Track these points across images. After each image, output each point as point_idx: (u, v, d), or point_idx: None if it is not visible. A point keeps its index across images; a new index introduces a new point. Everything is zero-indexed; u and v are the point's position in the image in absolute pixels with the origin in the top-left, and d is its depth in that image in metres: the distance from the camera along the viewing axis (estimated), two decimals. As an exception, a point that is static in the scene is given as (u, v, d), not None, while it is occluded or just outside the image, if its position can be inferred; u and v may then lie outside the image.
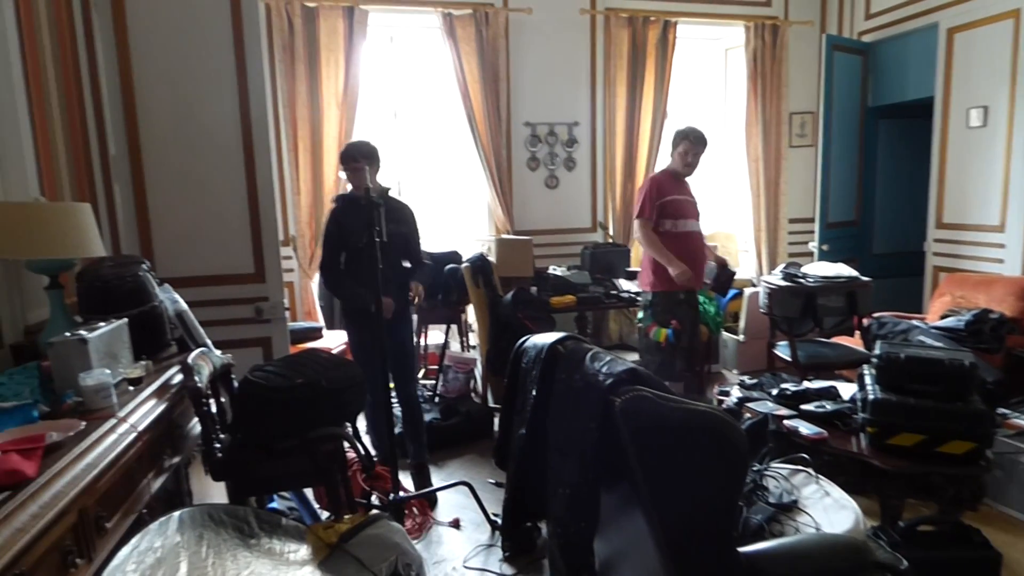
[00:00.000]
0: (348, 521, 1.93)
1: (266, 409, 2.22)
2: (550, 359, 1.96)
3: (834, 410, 2.72)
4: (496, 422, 3.55)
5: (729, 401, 3.12)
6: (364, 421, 3.52)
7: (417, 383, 3.59)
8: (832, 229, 5.38)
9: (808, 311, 3.97)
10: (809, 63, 5.77)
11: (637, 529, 1.55)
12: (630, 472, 1.51)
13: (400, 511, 2.86)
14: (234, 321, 3.07)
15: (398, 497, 2.85)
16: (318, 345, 4.29)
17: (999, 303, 3.92)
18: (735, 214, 6.18)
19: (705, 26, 5.71)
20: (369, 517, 1.97)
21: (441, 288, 4.45)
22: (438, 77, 5.21)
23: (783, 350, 4.08)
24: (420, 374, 4.82)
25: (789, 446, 2.59)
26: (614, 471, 1.65)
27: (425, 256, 3.62)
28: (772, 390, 3.08)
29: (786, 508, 2.16)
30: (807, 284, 3.97)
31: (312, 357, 2.43)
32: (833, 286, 3.97)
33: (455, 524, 3.07)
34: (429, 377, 4.86)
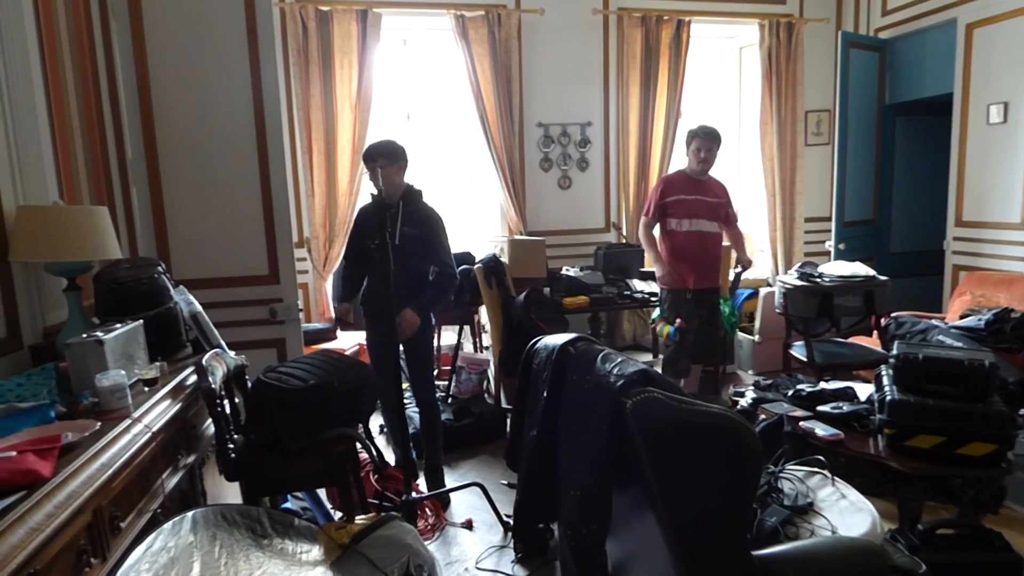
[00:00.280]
0: (360, 522, 1.94)
1: (279, 410, 2.24)
2: (561, 360, 1.95)
3: (851, 411, 2.69)
4: (509, 423, 3.55)
5: (744, 402, 3.09)
6: (381, 422, 3.54)
7: (435, 388, 3.57)
8: (849, 228, 5.32)
9: (825, 311, 3.93)
10: (825, 61, 5.72)
11: (649, 532, 1.54)
12: (641, 474, 1.50)
13: (413, 512, 2.87)
14: (248, 322, 3.09)
15: (411, 498, 2.85)
16: (332, 346, 4.32)
17: (1020, 302, 3.86)
18: (751, 213, 6.13)
19: (719, 25, 5.68)
20: (381, 518, 1.98)
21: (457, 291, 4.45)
22: (451, 79, 5.22)
23: (799, 350, 4.04)
24: (434, 375, 4.83)
25: (805, 448, 2.56)
26: (625, 473, 1.63)
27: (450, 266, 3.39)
28: (788, 391, 3.04)
29: (802, 511, 2.14)
30: (823, 284, 3.93)
31: (325, 358, 2.45)
32: (850, 285, 3.92)
33: (468, 525, 3.07)
34: (442, 378, 4.87)
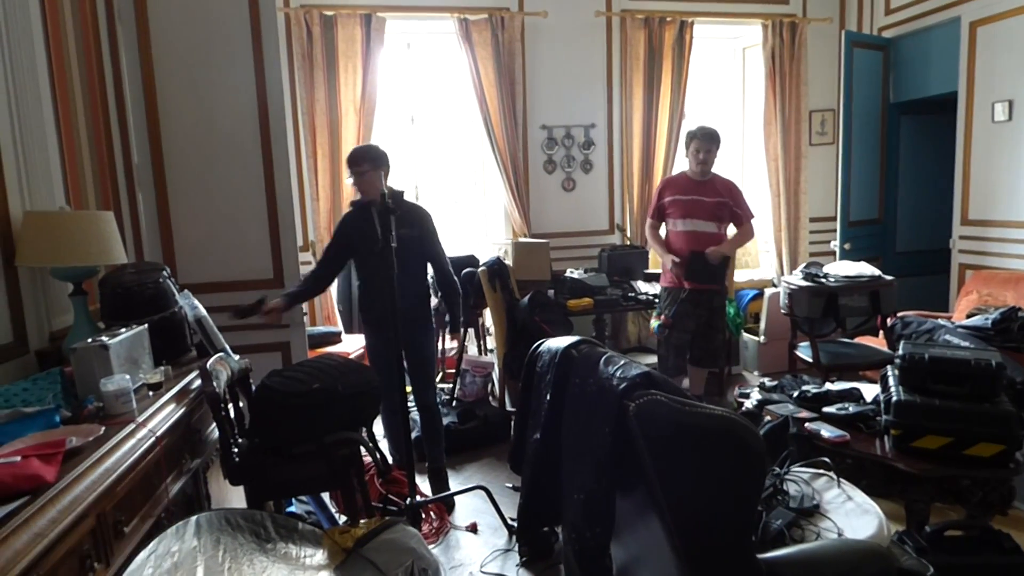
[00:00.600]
0: (364, 525, 1.94)
1: (283, 413, 2.24)
2: (564, 363, 1.95)
3: (857, 412, 2.67)
4: (513, 426, 3.55)
5: (749, 403, 3.08)
6: (381, 427, 3.53)
7: (436, 390, 3.57)
8: (854, 227, 5.30)
9: (830, 311, 3.91)
10: (828, 60, 5.71)
11: (653, 535, 1.53)
12: (645, 477, 1.50)
13: (417, 515, 2.86)
14: (253, 326, 3.09)
15: (415, 501, 2.85)
16: (336, 349, 4.32)
17: (1028, 301, 3.83)
18: (755, 214, 6.10)
19: (722, 25, 5.66)
20: (385, 521, 1.98)
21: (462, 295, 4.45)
22: (455, 82, 5.22)
23: (804, 351, 4.02)
24: (438, 378, 4.83)
25: (811, 449, 2.54)
26: (629, 476, 1.63)
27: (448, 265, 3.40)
28: (793, 392, 3.03)
29: (807, 513, 2.12)
30: (829, 284, 3.91)
31: (329, 362, 2.45)
32: (856, 285, 3.90)
33: (472, 528, 3.07)
34: (447, 381, 4.87)
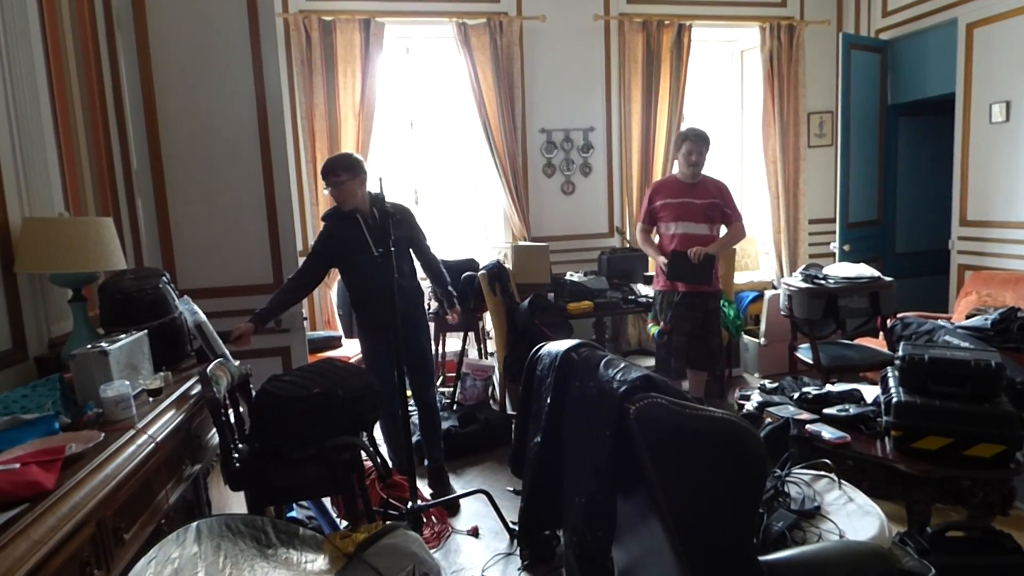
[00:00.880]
0: (365, 530, 1.93)
1: (283, 418, 2.24)
2: (564, 366, 1.95)
3: (857, 413, 2.67)
4: (513, 429, 3.55)
5: (750, 405, 3.07)
6: (380, 432, 3.53)
7: (436, 388, 3.59)
8: (853, 229, 5.31)
9: (830, 313, 3.91)
10: (826, 62, 5.71)
11: (654, 538, 1.53)
12: (646, 480, 1.49)
13: (418, 520, 2.86)
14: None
15: (416, 506, 2.85)
16: (337, 354, 4.32)
17: (1027, 302, 3.83)
18: (755, 216, 6.12)
19: (720, 28, 5.68)
20: (387, 526, 1.97)
21: (458, 295, 4.46)
22: (453, 86, 5.23)
23: (805, 353, 4.02)
24: (438, 382, 4.83)
25: (811, 451, 2.54)
26: (630, 479, 1.63)
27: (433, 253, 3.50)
28: (794, 394, 3.02)
29: (808, 515, 2.12)
30: (829, 285, 3.91)
31: (329, 366, 2.45)
32: (855, 287, 3.90)
33: (474, 532, 3.06)
34: (447, 384, 4.87)
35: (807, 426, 2.65)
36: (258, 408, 2.32)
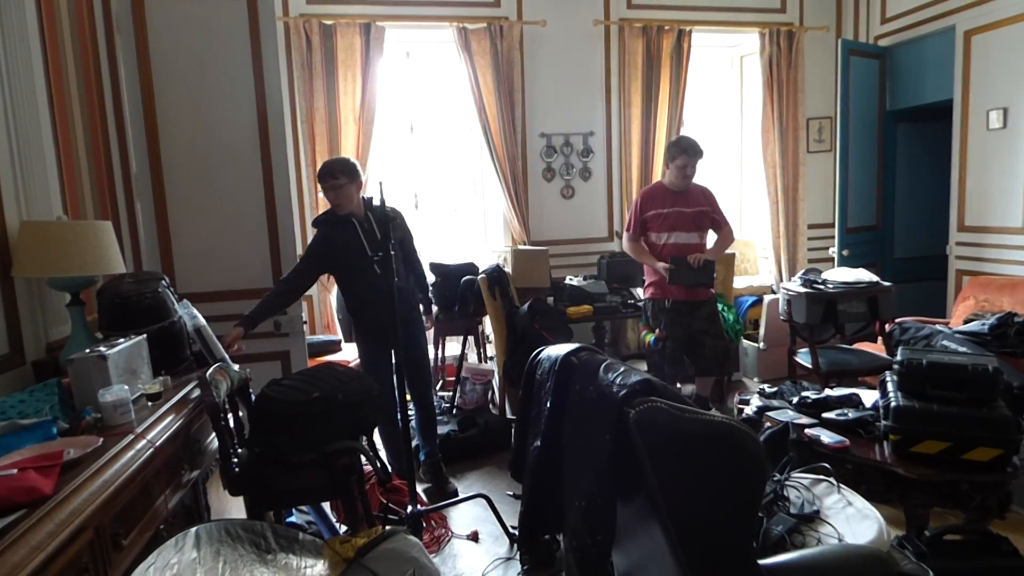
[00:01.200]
0: (365, 535, 1.93)
1: (283, 423, 2.24)
2: (564, 370, 1.94)
3: (856, 418, 2.67)
4: (513, 434, 3.55)
5: (749, 410, 3.08)
6: (379, 436, 3.52)
7: (433, 387, 3.61)
8: (852, 234, 5.32)
9: (829, 317, 3.91)
10: (825, 68, 5.73)
11: (654, 541, 1.53)
12: (646, 484, 1.49)
13: (418, 524, 2.86)
14: (252, 335, 3.08)
15: (416, 510, 2.84)
16: (337, 358, 4.32)
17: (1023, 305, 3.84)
18: (754, 221, 6.13)
19: (720, 34, 5.70)
20: (386, 531, 1.97)
21: (458, 299, 4.46)
22: (454, 90, 5.24)
23: (804, 357, 4.02)
24: (438, 386, 4.83)
25: (810, 455, 2.54)
26: (630, 483, 1.63)
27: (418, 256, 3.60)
28: (793, 398, 3.03)
29: (808, 519, 2.12)
30: (827, 290, 3.91)
31: (329, 371, 2.45)
32: (854, 291, 3.90)
33: (473, 537, 3.06)
34: (447, 389, 4.86)
35: (806, 430, 2.65)
36: (257, 412, 2.32)
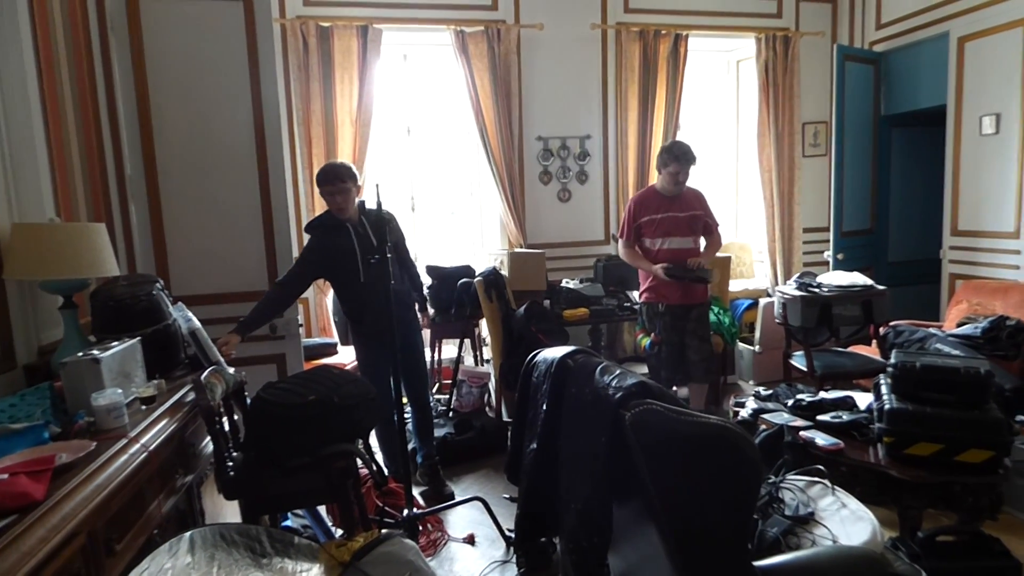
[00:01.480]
0: (361, 538, 1.92)
1: (278, 426, 2.23)
2: (560, 373, 1.95)
3: (850, 420, 2.69)
4: (509, 436, 3.55)
5: (744, 412, 3.09)
6: (375, 440, 3.52)
7: (428, 386, 3.63)
8: (847, 238, 5.34)
9: (824, 321, 3.93)
10: (821, 73, 5.76)
11: (650, 543, 1.53)
12: (642, 486, 1.49)
13: (414, 527, 2.85)
14: (248, 338, 3.08)
15: (412, 513, 2.84)
16: (332, 361, 4.31)
17: (1016, 310, 3.87)
18: (749, 225, 6.15)
19: (716, 38, 5.71)
20: (382, 534, 1.96)
21: (454, 302, 4.46)
22: (451, 93, 5.25)
23: (799, 360, 4.03)
24: (434, 389, 4.82)
25: (805, 457, 2.55)
26: (626, 485, 1.63)
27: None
28: (788, 401, 3.04)
29: (802, 520, 2.13)
30: (822, 294, 3.93)
31: (324, 374, 2.44)
32: (849, 295, 3.92)
33: (470, 540, 3.05)
34: (443, 392, 4.85)
35: (801, 433, 2.66)
36: (253, 416, 2.31)
